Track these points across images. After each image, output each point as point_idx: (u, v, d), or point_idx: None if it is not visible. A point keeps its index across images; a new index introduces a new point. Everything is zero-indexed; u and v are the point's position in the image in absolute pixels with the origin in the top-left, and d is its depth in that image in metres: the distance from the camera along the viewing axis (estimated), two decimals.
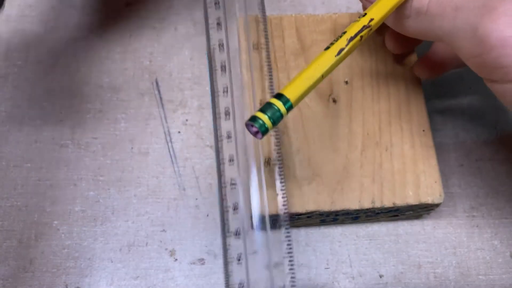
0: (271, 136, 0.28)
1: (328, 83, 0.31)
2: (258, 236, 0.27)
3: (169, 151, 0.34)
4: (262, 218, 0.27)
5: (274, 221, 0.27)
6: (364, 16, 0.23)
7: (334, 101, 0.30)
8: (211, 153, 0.34)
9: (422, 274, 0.31)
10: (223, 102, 0.29)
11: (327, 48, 0.22)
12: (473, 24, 0.21)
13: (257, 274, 0.26)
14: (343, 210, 0.28)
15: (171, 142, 0.34)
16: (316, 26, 0.32)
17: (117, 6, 0.39)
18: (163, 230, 0.32)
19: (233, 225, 0.27)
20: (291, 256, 0.26)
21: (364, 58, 0.31)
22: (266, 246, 0.27)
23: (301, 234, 0.32)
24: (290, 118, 0.30)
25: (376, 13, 0.23)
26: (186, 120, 0.35)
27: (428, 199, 0.28)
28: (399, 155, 0.29)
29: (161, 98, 0.36)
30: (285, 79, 0.30)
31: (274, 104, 0.21)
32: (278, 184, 0.28)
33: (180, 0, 0.39)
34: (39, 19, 0.38)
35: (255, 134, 0.21)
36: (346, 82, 0.31)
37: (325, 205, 0.28)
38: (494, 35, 0.20)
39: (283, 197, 0.27)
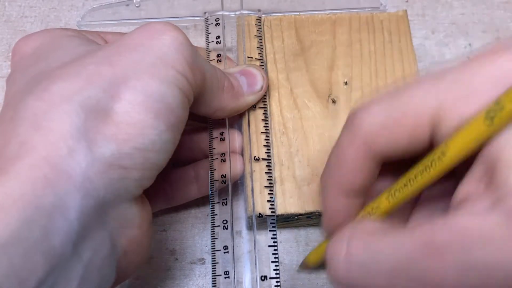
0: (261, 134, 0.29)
1: (328, 84, 0.31)
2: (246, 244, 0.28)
3: None
4: (250, 220, 0.28)
5: (262, 222, 0.28)
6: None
7: (334, 101, 0.30)
8: None
9: None
10: None
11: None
12: None
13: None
14: None
15: None
16: (316, 27, 0.32)
17: None
18: (164, 230, 0.32)
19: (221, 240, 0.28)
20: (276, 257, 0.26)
21: (363, 59, 0.31)
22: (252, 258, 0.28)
23: (301, 234, 0.32)
24: (290, 119, 0.30)
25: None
26: None
27: None
28: None
29: None
30: (285, 80, 0.31)
31: None
32: (266, 183, 0.28)
33: (180, 0, 0.39)
34: (40, 20, 0.39)
35: None
36: (346, 83, 0.31)
37: None
38: None
39: (270, 196, 0.28)
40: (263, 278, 0.27)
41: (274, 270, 0.27)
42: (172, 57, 0.21)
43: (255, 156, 0.28)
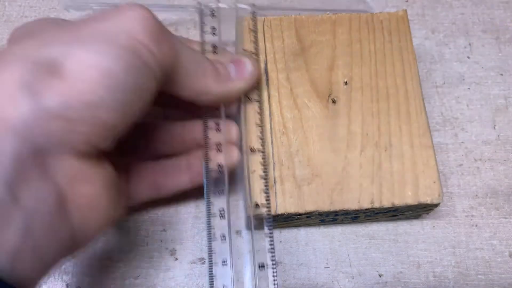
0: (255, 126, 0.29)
1: (328, 83, 0.31)
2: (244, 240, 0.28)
3: None
4: (248, 219, 0.28)
5: (258, 222, 0.28)
6: None
7: (334, 101, 0.30)
8: None
9: (422, 274, 0.31)
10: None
11: None
12: None
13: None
14: (342, 210, 0.28)
15: None
16: (316, 27, 0.32)
17: None
18: (164, 230, 0.32)
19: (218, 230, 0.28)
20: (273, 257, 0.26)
21: (363, 59, 0.31)
22: (250, 249, 0.28)
23: (301, 234, 0.32)
24: (290, 119, 0.30)
25: None
26: None
27: (427, 199, 0.28)
28: (398, 155, 0.29)
29: None
30: (285, 80, 0.31)
31: None
32: (260, 172, 0.28)
33: (180, 0, 0.39)
34: None
35: None
36: (346, 83, 0.31)
37: (324, 205, 0.28)
38: None
39: (266, 194, 0.28)
40: (260, 267, 0.27)
41: (271, 262, 0.27)
42: (136, 29, 0.22)
43: (251, 147, 0.29)
